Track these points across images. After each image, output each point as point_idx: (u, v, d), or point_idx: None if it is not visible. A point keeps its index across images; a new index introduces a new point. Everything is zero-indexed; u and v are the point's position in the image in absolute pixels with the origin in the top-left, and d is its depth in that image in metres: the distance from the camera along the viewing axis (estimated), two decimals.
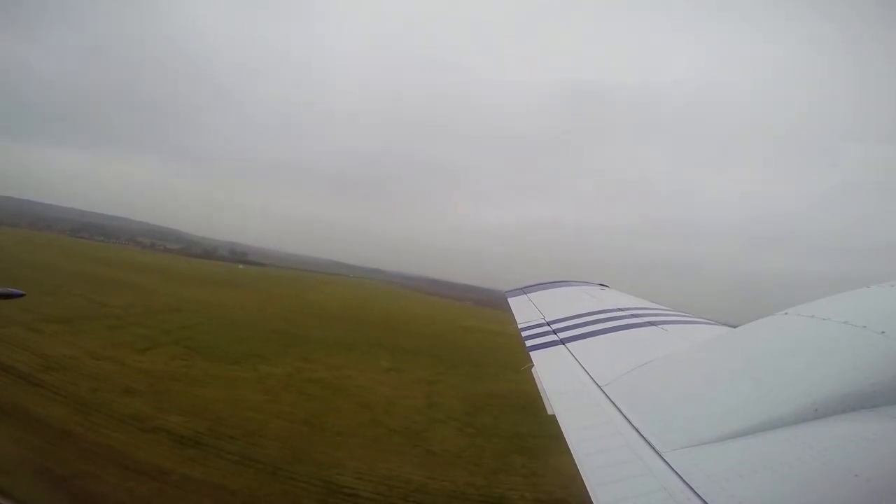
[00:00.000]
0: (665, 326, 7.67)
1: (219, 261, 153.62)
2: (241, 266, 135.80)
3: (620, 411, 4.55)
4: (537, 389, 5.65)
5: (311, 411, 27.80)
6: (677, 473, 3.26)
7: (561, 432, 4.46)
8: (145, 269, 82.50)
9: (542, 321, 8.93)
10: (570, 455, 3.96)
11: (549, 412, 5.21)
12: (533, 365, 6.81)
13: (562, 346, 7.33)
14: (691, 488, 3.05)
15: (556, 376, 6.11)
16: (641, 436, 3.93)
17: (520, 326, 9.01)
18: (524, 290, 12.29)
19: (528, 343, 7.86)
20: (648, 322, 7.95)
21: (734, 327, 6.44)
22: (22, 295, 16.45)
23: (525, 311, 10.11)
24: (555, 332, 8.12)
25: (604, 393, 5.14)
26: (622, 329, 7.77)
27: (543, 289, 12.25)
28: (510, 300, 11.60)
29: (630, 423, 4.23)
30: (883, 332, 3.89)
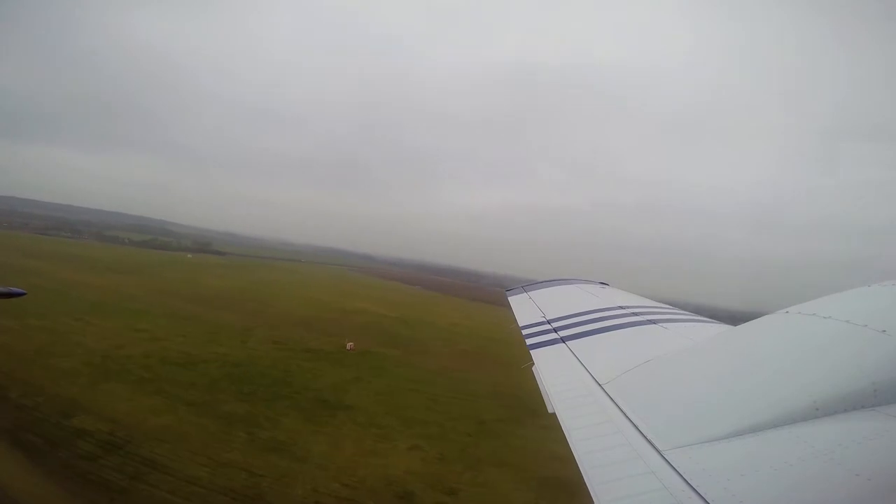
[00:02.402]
0: (665, 325, 7.69)
1: (176, 251, 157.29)
2: (189, 255, 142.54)
3: (621, 410, 4.55)
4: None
5: (6, 338, 37.12)
6: (678, 472, 3.26)
7: (560, 432, 4.46)
8: (66, 259, 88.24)
9: (543, 319, 8.91)
10: (573, 455, 3.95)
11: (550, 410, 5.20)
12: (533, 363, 6.79)
13: (562, 344, 7.32)
14: (692, 487, 3.06)
15: (556, 375, 6.12)
16: (642, 434, 3.94)
17: (520, 325, 8.96)
18: (524, 288, 12.25)
19: (529, 341, 7.82)
20: (649, 320, 7.96)
21: (735, 326, 6.47)
22: (23, 294, 16.17)
23: (525, 309, 10.05)
24: (555, 330, 8.10)
25: (604, 391, 5.15)
26: (623, 327, 7.78)
27: (543, 287, 12.23)
28: (510, 299, 11.51)
29: (631, 421, 4.24)
30: (884, 331, 3.92)
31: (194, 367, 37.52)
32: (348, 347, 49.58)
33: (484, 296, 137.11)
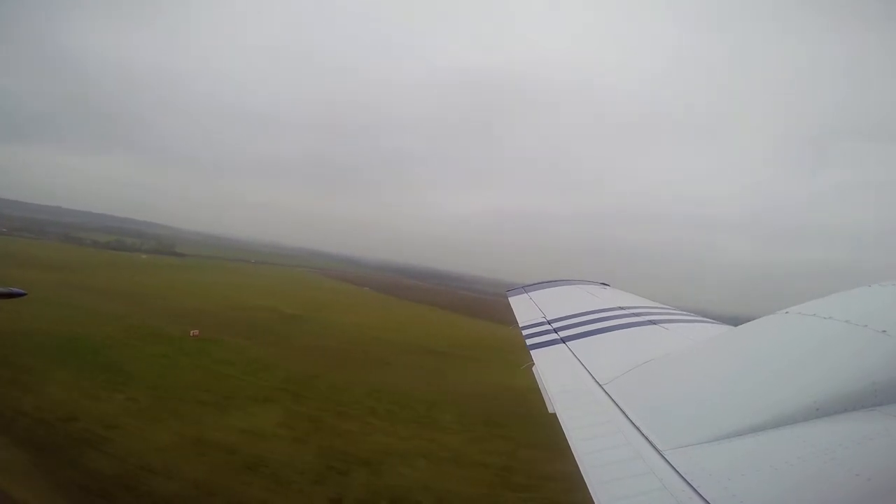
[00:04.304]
0: (666, 325, 7.71)
1: (135, 252, 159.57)
2: (143, 256, 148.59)
3: (621, 410, 4.53)
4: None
5: None
6: (678, 472, 3.24)
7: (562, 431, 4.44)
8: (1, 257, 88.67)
9: (543, 320, 8.89)
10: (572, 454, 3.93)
11: (550, 411, 5.19)
12: (533, 364, 6.77)
13: (562, 344, 7.31)
14: (692, 487, 3.04)
15: (556, 375, 6.11)
16: (642, 434, 3.91)
17: (520, 325, 8.94)
18: (525, 288, 12.22)
19: (529, 342, 7.80)
20: (649, 321, 7.98)
21: (735, 326, 6.48)
22: (23, 294, 16.05)
23: (526, 309, 10.04)
24: (556, 330, 8.08)
25: (605, 392, 5.13)
26: (623, 328, 7.78)
27: (544, 287, 12.22)
28: (510, 299, 11.50)
29: (631, 421, 4.22)
30: (884, 331, 3.92)
31: (29, 337, 40.60)
32: (192, 334, 52.30)
33: (441, 299, 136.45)
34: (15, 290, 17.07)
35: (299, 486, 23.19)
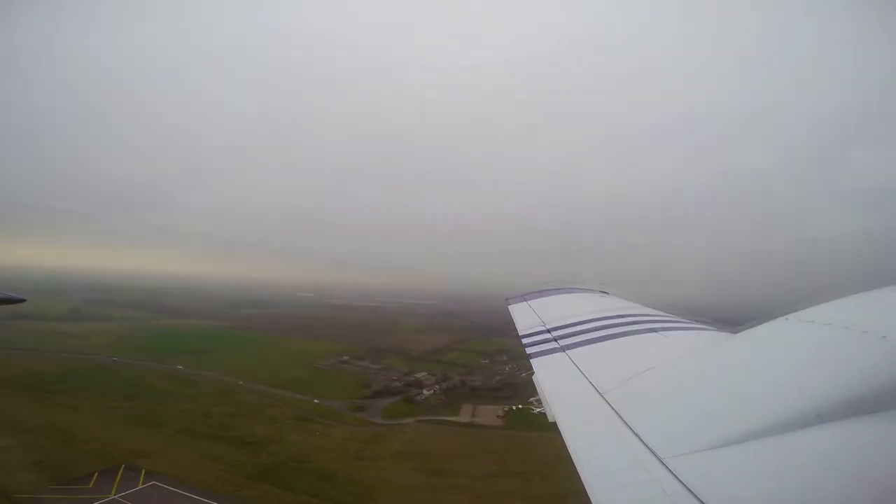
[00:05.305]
0: (666, 332, 7.65)
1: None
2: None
3: (622, 418, 4.53)
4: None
5: None
6: (679, 479, 3.24)
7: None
8: None
9: (543, 328, 8.86)
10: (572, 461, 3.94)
11: (550, 419, 5.16)
12: (533, 372, 6.78)
13: (562, 352, 7.30)
14: (693, 494, 3.04)
15: (556, 383, 6.11)
16: (643, 442, 3.91)
17: (520, 333, 8.92)
18: (524, 296, 12.18)
19: (529, 350, 7.80)
20: (649, 328, 7.92)
21: (735, 333, 6.44)
22: (22, 300, 16.79)
23: (525, 317, 10.02)
24: (555, 338, 8.07)
25: (605, 400, 5.12)
26: (623, 335, 7.74)
27: (544, 295, 12.19)
28: (510, 307, 11.47)
29: (631, 429, 4.22)
30: (884, 337, 3.91)
31: None
32: None
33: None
34: (14, 295, 17.29)
35: None
